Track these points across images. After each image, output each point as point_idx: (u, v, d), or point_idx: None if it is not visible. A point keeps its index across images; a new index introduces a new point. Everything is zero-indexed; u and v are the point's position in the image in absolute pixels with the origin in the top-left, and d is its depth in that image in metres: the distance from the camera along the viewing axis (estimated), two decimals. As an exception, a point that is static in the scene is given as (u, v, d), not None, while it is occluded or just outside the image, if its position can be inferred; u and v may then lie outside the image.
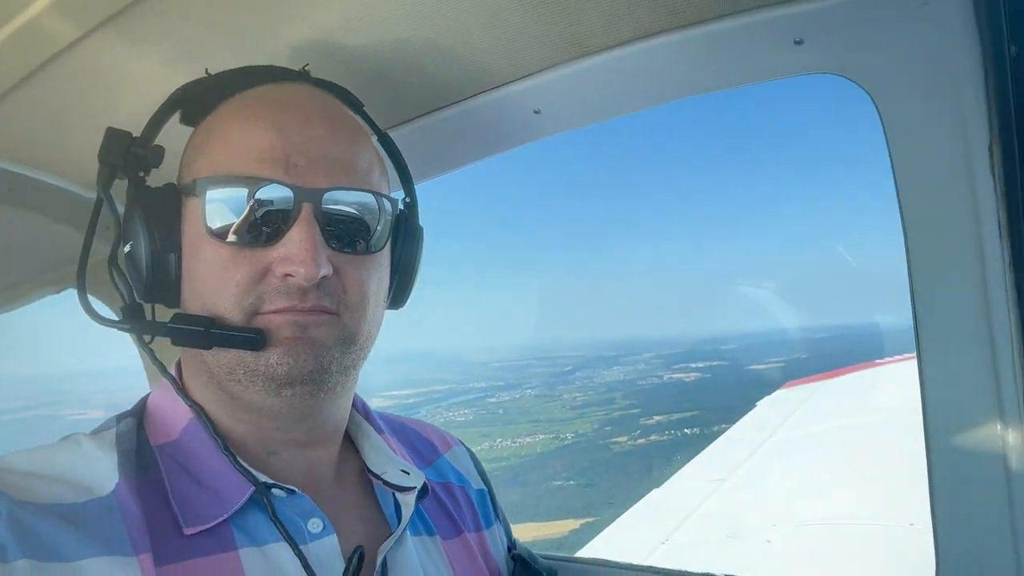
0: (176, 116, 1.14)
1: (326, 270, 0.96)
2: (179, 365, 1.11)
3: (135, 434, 1.02)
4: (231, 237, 0.97)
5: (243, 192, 0.97)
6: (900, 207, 1.22)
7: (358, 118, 1.15)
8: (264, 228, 0.97)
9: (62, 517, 0.88)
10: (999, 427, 1.18)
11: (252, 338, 0.96)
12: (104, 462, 0.96)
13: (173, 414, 1.04)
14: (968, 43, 1.02)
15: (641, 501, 6.12)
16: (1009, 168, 1.07)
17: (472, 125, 1.48)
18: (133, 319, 1.07)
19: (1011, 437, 1.17)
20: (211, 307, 0.98)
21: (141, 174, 1.09)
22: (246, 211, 0.97)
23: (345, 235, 1.01)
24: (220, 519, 0.94)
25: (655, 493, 6.25)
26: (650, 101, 1.38)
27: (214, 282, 0.99)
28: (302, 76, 1.14)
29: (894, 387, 7.62)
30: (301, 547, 0.94)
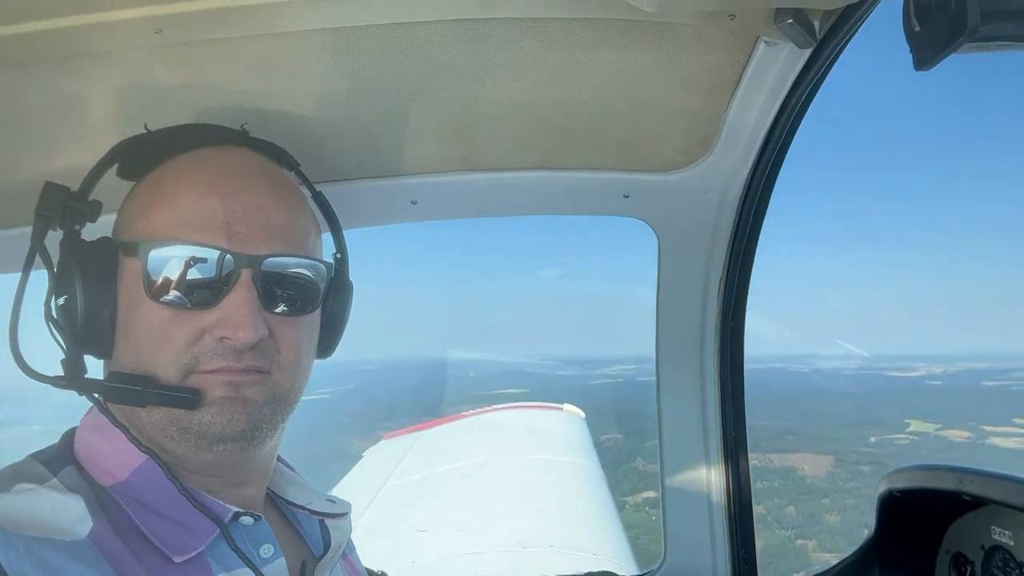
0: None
1: (262, 333, 1.05)
2: (95, 411, 1.10)
3: (79, 477, 1.03)
4: (171, 299, 1.03)
5: (186, 257, 1.03)
6: (657, 305, 1.91)
7: (293, 176, 1.28)
8: (204, 291, 1.04)
9: (61, 551, 0.90)
10: (703, 454, 1.93)
11: (187, 398, 1.02)
12: (72, 507, 0.97)
13: (114, 457, 1.05)
14: (726, 216, 1.74)
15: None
16: (729, 292, 1.83)
17: (359, 201, 1.72)
18: (73, 375, 1.07)
19: (712, 458, 1.92)
20: (147, 365, 1.04)
21: (76, 227, 1.11)
22: (188, 275, 1.03)
23: (281, 298, 1.10)
24: (199, 550, 1.02)
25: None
26: (515, 212, 1.84)
27: (151, 341, 1.04)
28: (242, 139, 1.23)
29: (480, 435, 9.00)
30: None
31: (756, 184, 1.64)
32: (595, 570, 1.95)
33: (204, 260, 1.02)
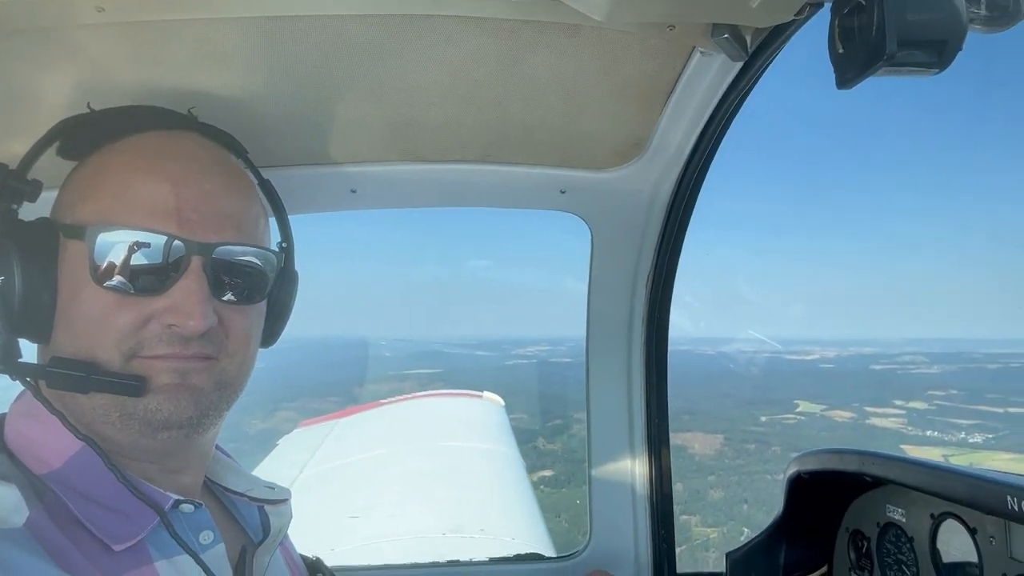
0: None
1: (211, 322, 1.05)
2: (28, 397, 1.07)
3: (11, 465, 1.01)
4: (117, 284, 1.01)
5: (135, 242, 1.02)
6: (588, 298, 1.98)
7: (240, 163, 1.26)
8: (152, 277, 1.03)
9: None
10: (628, 441, 2.01)
11: (133, 385, 1.01)
12: (6, 496, 0.94)
13: (49, 444, 1.03)
14: (656, 214, 1.83)
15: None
16: (656, 287, 1.92)
17: (297, 188, 1.70)
18: (7, 359, 1.05)
19: (636, 444, 2.01)
20: (88, 350, 1.02)
21: (14, 207, 1.08)
22: (136, 261, 1.02)
23: (231, 287, 1.10)
24: (138, 538, 1.00)
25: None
26: (454, 204, 1.86)
27: (94, 326, 1.02)
28: (191, 124, 1.21)
29: (399, 423, 8.98)
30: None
31: (685, 185, 1.73)
32: (523, 552, 2.02)
33: (153, 246, 1.01)
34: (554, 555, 2.08)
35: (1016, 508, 1.21)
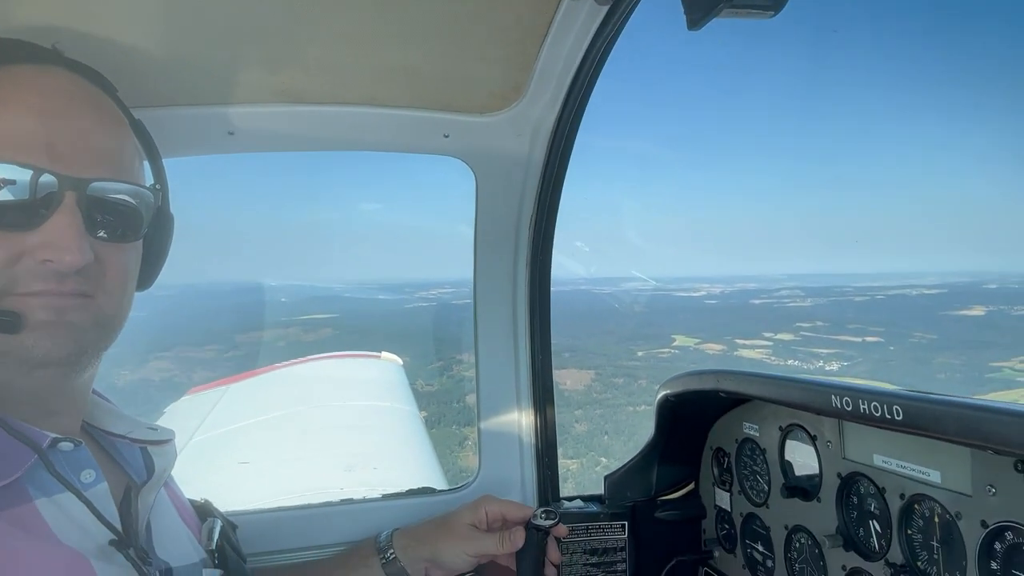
0: None
1: (88, 258, 1.04)
2: None
3: None
4: None
5: (4, 176, 0.99)
6: (475, 242, 2.04)
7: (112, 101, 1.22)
8: (23, 213, 1.01)
9: None
10: (514, 377, 2.12)
11: (7, 321, 1.00)
12: None
13: None
14: (536, 157, 1.89)
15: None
16: (538, 230, 2.00)
17: (171, 129, 1.65)
18: None
19: (521, 380, 2.11)
20: None
21: None
22: (4, 195, 0.99)
23: (107, 224, 1.10)
24: (15, 476, 0.99)
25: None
26: (337, 147, 1.85)
27: None
28: (57, 59, 1.16)
29: (282, 388, 8.81)
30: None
31: (563, 128, 1.79)
32: (416, 487, 2.09)
33: (21, 180, 0.97)
34: (446, 488, 2.17)
35: (839, 405, 1.39)
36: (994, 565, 1.27)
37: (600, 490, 2.20)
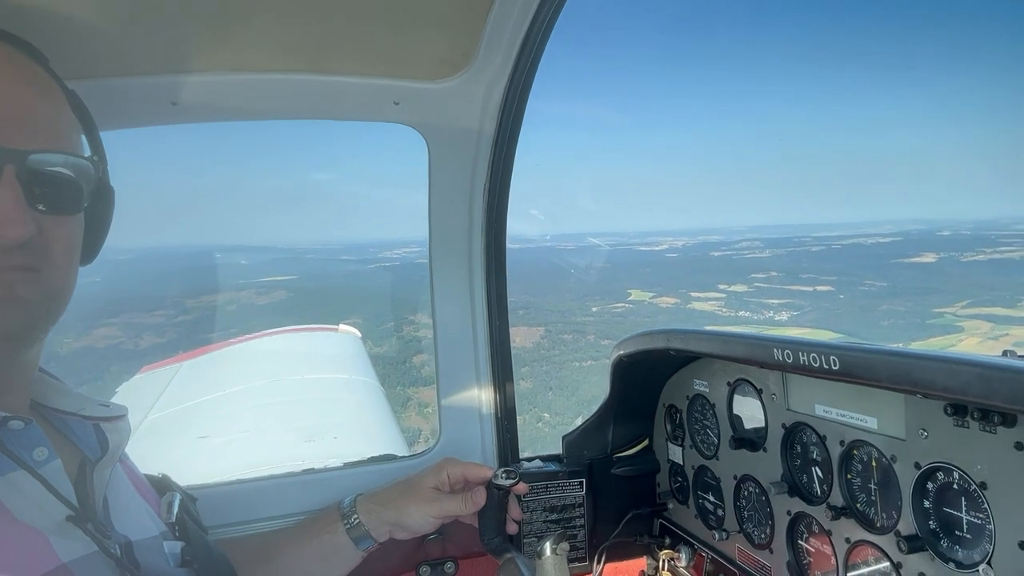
0: None
1: (31, 231, 1.02)
2: None
3: None
4: None
5: None
6: (429, 210, 2.04)
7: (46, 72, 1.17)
8: None
9: None
10: (472, 342, 2.14)
11: None
12: None
13: None
14: (488, 123, 1.89)
15: None
16: (492, 196, 2.01)
17: (112, 100, 1.60)
18: None
19: (479, 344, 2.14)
20: None
21: None
22: None
23: (48, 197, 1.06)
24: None
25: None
26: (284, 116, 1.82)
27: None
28: None
29: (238, 363, 8.68)
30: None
31: (513, 94, 1.78)
32: (377, 454, 2.11)
33: None
34: (407, 454, 2.20)
35: (781, 358, 1.46)
36: (926, 503, 1.37)
37: (558, 450, 2.26)
